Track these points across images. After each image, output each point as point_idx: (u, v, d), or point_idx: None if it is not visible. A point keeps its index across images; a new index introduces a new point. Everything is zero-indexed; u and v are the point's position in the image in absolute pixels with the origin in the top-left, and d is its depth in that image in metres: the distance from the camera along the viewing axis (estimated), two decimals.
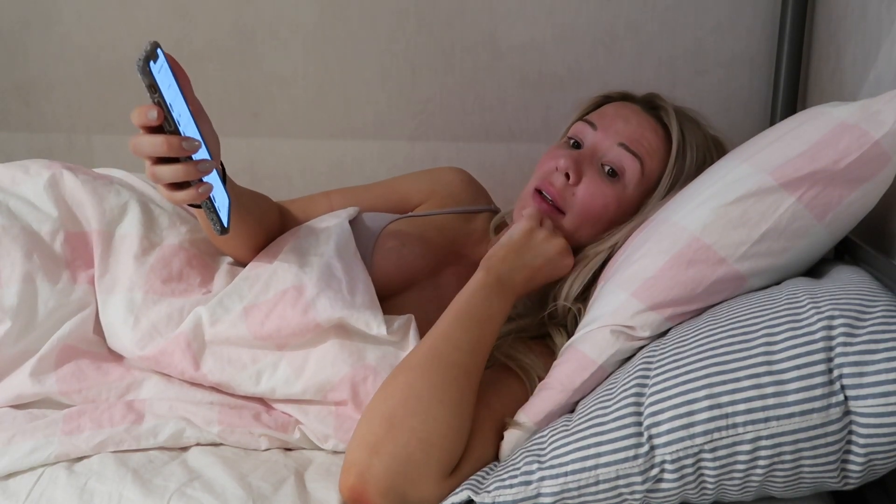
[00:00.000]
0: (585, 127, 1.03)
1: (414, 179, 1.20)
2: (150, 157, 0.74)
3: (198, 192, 0.76)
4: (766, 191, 0.82)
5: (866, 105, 0.82)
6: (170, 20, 1.52)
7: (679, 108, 1.05)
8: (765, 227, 0.81)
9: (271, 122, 1.56)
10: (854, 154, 0.80)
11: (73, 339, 0.93)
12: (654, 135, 1.01)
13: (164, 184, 0.76)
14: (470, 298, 0.88)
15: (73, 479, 0.82)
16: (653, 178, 1.00)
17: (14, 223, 0.96)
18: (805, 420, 0.67)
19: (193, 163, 0.74)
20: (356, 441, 0.78)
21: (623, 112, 1.03)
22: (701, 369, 0.72)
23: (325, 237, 0.99)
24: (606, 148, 1.00)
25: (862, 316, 0.70)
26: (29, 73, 1.58)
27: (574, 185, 0.99)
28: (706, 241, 0.82)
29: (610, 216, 0.99)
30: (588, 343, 0.85)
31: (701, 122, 1.05)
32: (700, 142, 1.02)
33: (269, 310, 0.91)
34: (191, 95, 0.80)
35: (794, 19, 1.33)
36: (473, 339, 0.85)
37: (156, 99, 0.70)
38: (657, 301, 0.83)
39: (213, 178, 0.80)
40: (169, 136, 0.72)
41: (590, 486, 0.72)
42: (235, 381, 0.91)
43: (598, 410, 0.76)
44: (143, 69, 0.68)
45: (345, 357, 0.90)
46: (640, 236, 0.91)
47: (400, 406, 0.79)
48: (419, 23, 1.48)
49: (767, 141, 0.87)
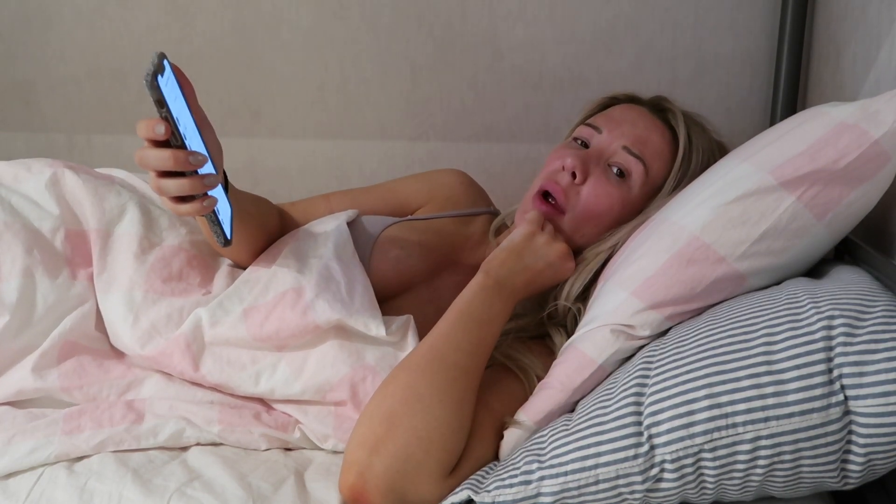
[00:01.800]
0: (590, 130, 1.03)
1: (413, 182, 1.20)
2: (155, 170, 0.74)
3: (202, 205, 0.75)
4: (766, 190, 0.82)
5: (866, 105, 0.82)
6: (170, 20, 1.52)
7: (686, 111, 1.05)
8: (764, 226, 0.81)
9: (271, 122, 1.56)
10: (853, 153, 0.80)
11: (74, 334, 0.93)
12: (660, 138, 1.01)
13: (168, 197, 0.75)
14: (471, 300, 0.88)
15: (73, 478, 0.82)
16: (657, 181, 1.00)
17: (16, 219, 0.96)
18: (805, 420, 0.67)
19: (199, 177, 0.74)
20: (356, 440, 0.78)
21: (630, 115, 1.03)
22: (701, 369, 0.72)
23: (323, 239, 0.99)
24: (613, 150, 1.00)
25: (862, 316, 0.70)
26: (29, 73, 1.58)
27: (580, 184, 0.99)
28: (706, 239, 0.83)
29: (613, 217, 0.99)
30: (588, 342, 0.85)
31: (707, 126, 1.06)
32: (706, 146, 1.02)
33: (268, 312, 0.91)
34: (195, 105, 0.79)
35: (794, 19, 1.33)
36: (474, 340, 0.85)
37: (163, 114, 0.69)
38: (657, 300, 0.83)
39: (217, 190, 0.80)
40: (175, 150, 0.71)
41: (590, 485, 0.72)
42: (235, 382, 0.91)
43: (598, 410, 0.76)
44: (152, 84, 0.67)
45: (344, 358, 0.90)
46: (640, 236, 0.92)
47: (400, 405, 0.79)
48: (419, 23, 1.48)
49: (767, 140, 0.87)
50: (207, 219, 0.79)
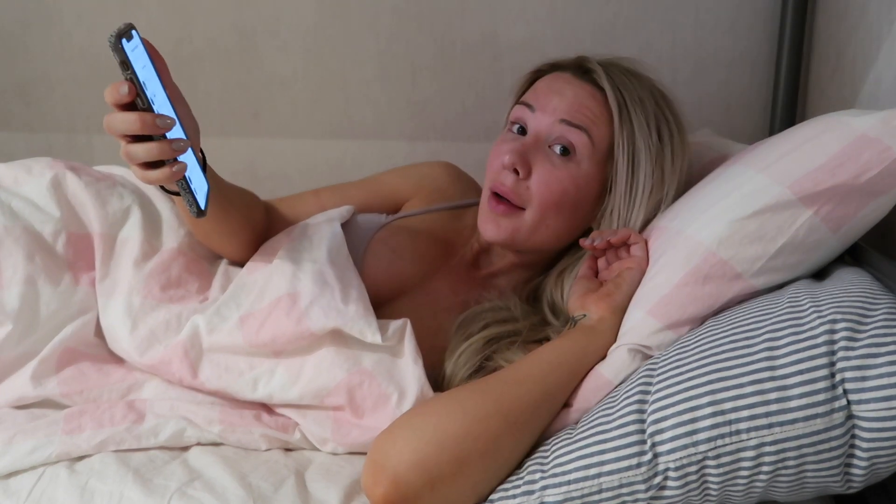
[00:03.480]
0: (524, 109, 0.99)
1: (402, 174, 1.18)
2: (123, 136, 0.74)
3: (172, 170, 0.75)
4: (784, 204, 0.80)
5: (888, 118, 0.80)
6: (170, 20, 1.51)
7: (612, 62, 1.00)
8: (781, 241, 0.80)
9: (271, 122, 1.56)
10: (875, 169, 0.78)
11: (74, 341, 0.93)
12: (592, 100, 0.96)
13: (137, 163, 0.75)
14: (578, 354, 0.84)
15: (73, 478, 0.82)
16: (604, 147, 0.96)
17: (16, 224, 0.96)
18: (808, 426, 0.67)
19: (167, 141, 0.74)
20: (412, 456, 0.74)
21: (556, 85, 0.99)
22: (704, 376, 0.71)
23: (317, 241, 0.98)
24: (548, 128, 0.96)
25: (864, 319, 0.69)
26: (29, 73, 1.57)
27: (525, 178, 0.95)
28: (722, 255, 0.81)
29: (571, 199, 0.96)
30: (606, 364, 0.83)
31: (640, 72, 1.00)
32: (644, 94, 0.97)
33: (263, 318, 0.90)
34: (169, 81, 0.79)
35: (794, 19, 1.33)
36: (566, 391, 0.82)
37: (128, 76, 0.70)
38: (674, 320, 0.81)
39: (189, 157, 0.79)
40: (142, 112, 0.72)
41: (593, 494, 0.72)
42: (233, 389, 0.90)
43: (601, 418, 0.76)
44: (115, 45, 0.68)
45: (340, 363, 0.89)
46: (655, 248, 0.89)
47: (478, 457, 0.75)
48: (419, 23, 1.48)
49: (783, 150, 0.85)
50: (179, 186, 0.78)
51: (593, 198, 0.98)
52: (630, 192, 0.95)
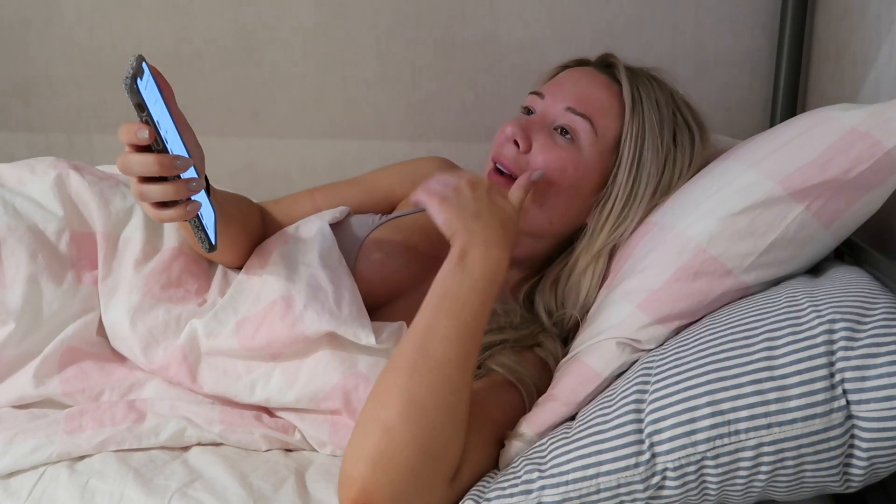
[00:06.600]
0: (535, 97, 1.00)
1: (396, 172, 1.17)
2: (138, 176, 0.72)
3: (186, 210, 0.73)
4: (775, 200, 0.80)
5: (878, 111, 0.80)
6: (170, 20, 1.51)
7: (638, 67, 1.00)
8: (772, 237, 0.80)
9: (271, 122, 1.56)
10: (865, 164, 0.78)
11: (76, 340, 0.93)
12: (604, 91, 0.96)
13: (151, 202, 0.73)
14: (445, 281, 0.80)
15: (74, 477, 0.82)
16: (609, 138, 0.95)
17: (20, 223, 0.96)
18: (807, 426, 0.67)
19: (183, 181, 0.72)
20: (355, 453, 0.73)
21: (573, 76, 1.00)
22: (702, 375, 0.71)
23: (310, 244, 0.98)
24: (555, 113, 0.96)
25: (863, 319, 0.69)
26: (29, 73, 1.58)
27: (526, 152, 0.95)
28: (713, 252, 0.81)
29: (570, 180, 0.94)
30: (593, 356, 0.83)
31: (666, 81, 1.00)
32: (663, 99, 0.97)
33: (258, 323, 0.90)
34: (175, 108, 0.77)
35: (794, 19, 1.33)
36: (459, 324, 0.78)
37: (144, 118, 0.68)
38: (663, 314, 0.82)
39: (200, 194, 0.78)
40: (159, 155, 0.69)
41: (591, 494, 0.71)
42: (230, 393, 0.91)
43: (599, 418, 0.75)
44: (132, 88, 0.65)
45: (335, 366, 0.89)
46: (645, 242, 0.90)
47: (397, 415, 0.73)
48: (419, 23, 1.48)
49: (774, 146, 0.85)
50: (192, 224, 0.77)
51: (591, 187, 0.97)
52: (630, 189, 0.95)
